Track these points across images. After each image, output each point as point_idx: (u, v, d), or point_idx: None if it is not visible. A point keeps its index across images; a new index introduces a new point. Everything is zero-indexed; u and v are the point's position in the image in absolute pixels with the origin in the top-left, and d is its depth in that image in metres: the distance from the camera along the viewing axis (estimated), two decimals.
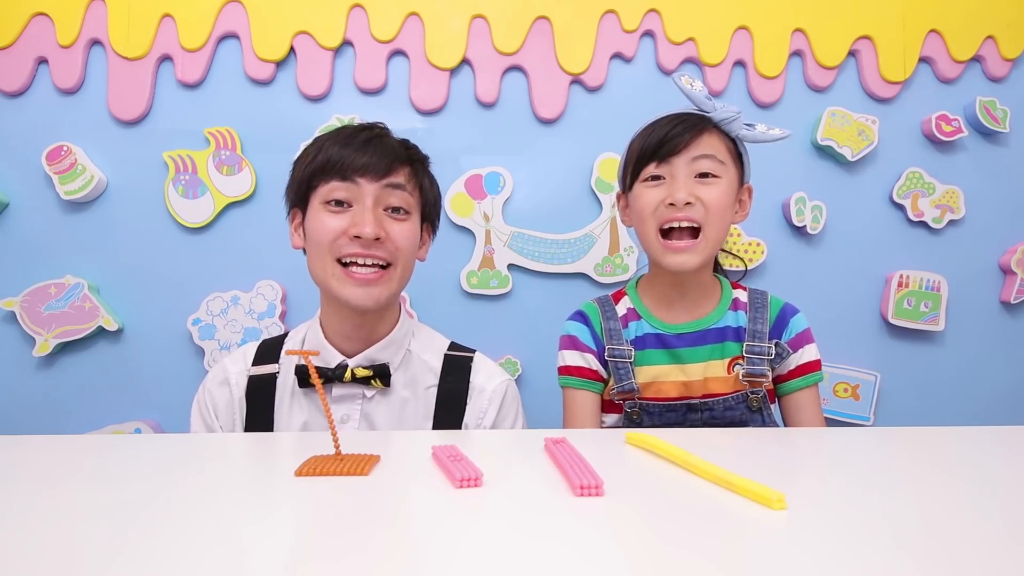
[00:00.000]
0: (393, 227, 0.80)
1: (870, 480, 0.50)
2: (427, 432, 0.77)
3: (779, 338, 0.89)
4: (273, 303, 1.32)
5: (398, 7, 1.35)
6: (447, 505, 0.42)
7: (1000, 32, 1.40)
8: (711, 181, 0.84)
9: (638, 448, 0.57)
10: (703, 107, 0.86)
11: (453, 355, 0.88)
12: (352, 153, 0.79)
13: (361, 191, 0.79)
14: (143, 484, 0.46)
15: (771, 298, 0.92)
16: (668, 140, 0.84)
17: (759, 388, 0.87)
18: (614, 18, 1.38)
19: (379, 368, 0.81)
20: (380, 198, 0.79)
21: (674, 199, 0.83)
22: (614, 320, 0.91)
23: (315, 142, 0.84)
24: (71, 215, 1.33)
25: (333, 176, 0.79)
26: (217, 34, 1.33)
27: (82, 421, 1.31)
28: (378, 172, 0.79)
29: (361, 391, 0.82)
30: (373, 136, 0.82)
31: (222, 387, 0.86)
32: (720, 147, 0.85)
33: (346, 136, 0.82)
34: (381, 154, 0.80)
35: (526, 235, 1.36)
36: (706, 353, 0.88)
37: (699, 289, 0.90)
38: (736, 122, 0.85)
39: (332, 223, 0.79)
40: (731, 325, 0.89)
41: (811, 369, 0.90)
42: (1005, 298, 1.40)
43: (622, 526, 0.39)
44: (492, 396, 0.86)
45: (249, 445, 0.62)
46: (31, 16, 1.31)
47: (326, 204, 0.79)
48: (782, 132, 0.87)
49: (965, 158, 1.41)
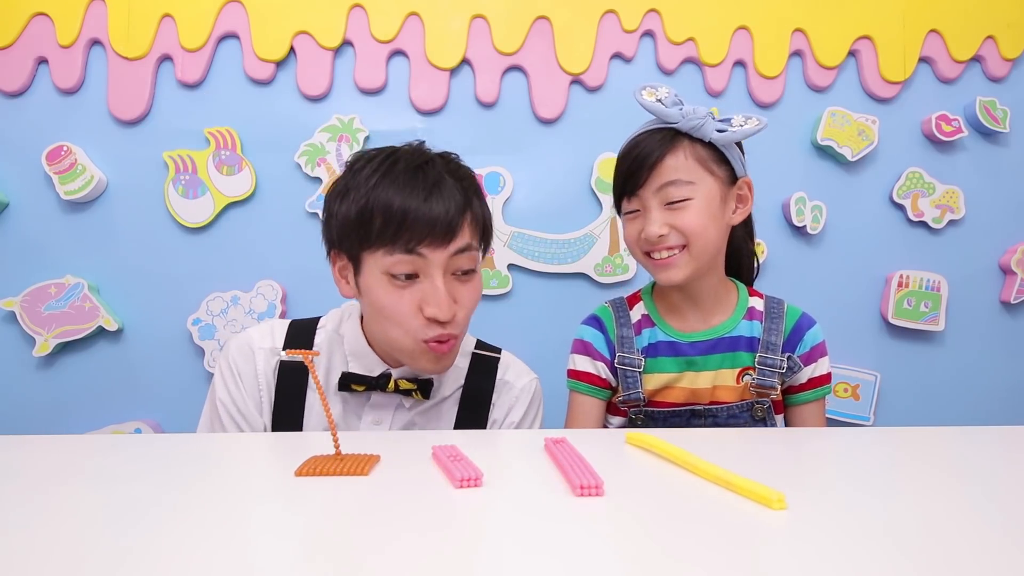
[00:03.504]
0: (463, 294, 0.75)
1: (870, 480, 0.50)
2: (427, 432, 0.77)
3: (792, 351, 0.87)
4: (273, 303, 1.32)
5: (398, 7, 1.35)
6: (447, 505, 0.42)
7: (1000, 32, 1.40)
8: (681, 206, 0.81)
9: (638, 448, 0.57)
10: (668, 119, 0.82)
11: (479, 354, 0.87)
12: (415, 209, 0.70)
13: (428, 264, 0.72)
14: (143, 484, 0.46)
15: (788, 308, 0.90)
16: (632, 172, 0.83)
17: (766, 399, 0.87)
18: (614, 18, 1.38)
19: (423, 382, 0.79)
20: (448, 266, 0.73)
21: (647, 234, 0.82)
22: (627, 327, 0.90)
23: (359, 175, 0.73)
24: (71, 215, 1.33)
25: (396, 243, 0.70)
26: (217, 34, 1.33)
27: (82, 421, 1.31)
28: (446, 236, 0.71)
29: (399, 399, 0.80)
30: (433, 183, 0.72)
31: (247, 361, 0.81)
32: (688, 164, 0.81)
33: (402, 182, 0.71)
34: (445, 207, 0.71)
35: (526, 235, 1.36)
36: (717, 362, 0.87)
37: (710, 297, 0.88)
38: (706, 127, 0.81)
39: (404, 301, 0.72)
40: (744, 335, 0.88)
41: (822, 383, 0.89)
42: (1005, 298, 1.40)
43: (622, 526, 0.39)
44: (521, 393, 0.86)
45: (249, 445, 0.62)
46: (31, 16, 1.31)
47: (391, 277, 0.72)
48: (758, 123, 0.82)
49: (965, 158, 1.41)
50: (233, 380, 0.80)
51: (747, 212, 0.88)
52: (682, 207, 0.81)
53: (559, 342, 1.34)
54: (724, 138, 0.82)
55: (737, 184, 0.86)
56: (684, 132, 0.82)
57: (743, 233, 0.94)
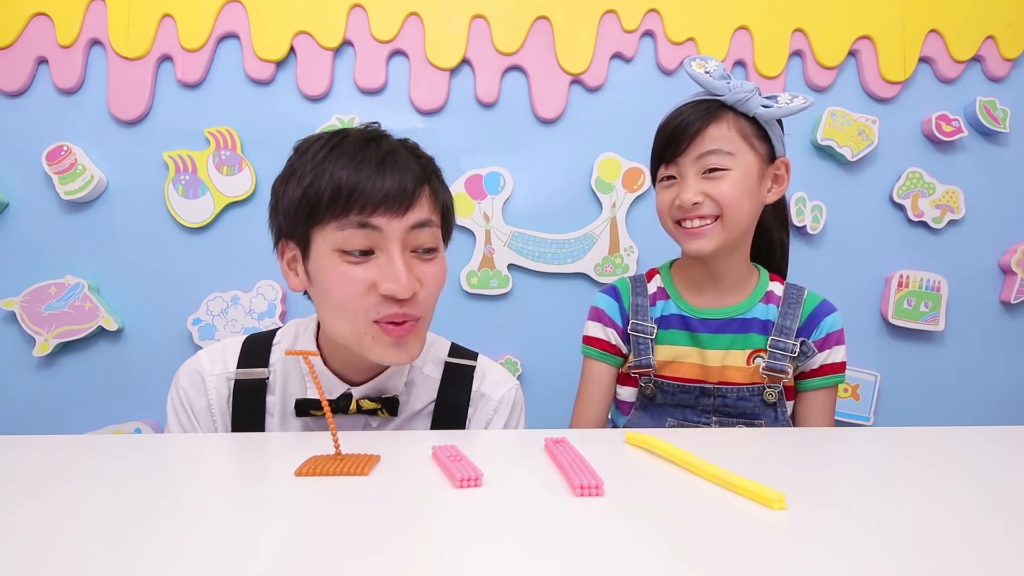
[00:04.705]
0: (425, 272, 0.68)
1: (870, 480, 0.50)
2: (427, 432, 0.77)
3: (808, 336, 0.87)
4: (273, 303, 1.32)
5: (398, 7, 1.35)
6: (447, 505, 0.42)
7: (1000, 32, 1.40)
8: (719, 176, 0.82)
9: (638, 448, 0.57)
10: (715, 91, 0.83)
11: (453, 363, 0.81)
12: (366, 180, 0.64)
13: (385, 237, 0.65)
14: (143, 484, 0.46)
15: (808, 294, 0.90)
16: (673, 139, 0.84)
17: (777, 383, 0.87)
18: (614, 18, 1.38)
19: (387, 400, 0.73)
20: (407, 241, 0.66)
21: (681, 201, 0.83)
22: (643, 296, 0.92)
23: (306, 155, 0.68)
24: (71, 215, 1.33)
25: (347, 215, 0.64)
26: (217, 34, 1.33)
27: (82, 421, 1.31)
28: (401, 206, 0.65)
29: (364, 420, 0.74)
30: (385, 154, 0.66)
31: (198, 391, 0.76)
32: (730, 135, 0.82)
33: (351, 154, 0.66)
34: (400, 178, 0.65)
35: (526, 235, 1.36)
36: (727, 342, 0.87)
37: (731, 276, 0.89)
38: (751, 101, 0.82)
39: (355, 279, 0.65)
40: (759, 317, 0.88)
41: (835, 370, 0.88)
42: (1005, 298, 1.41)
43: (622, 526, 0.39)
44: (500, 405, 0.80)
45: (249, 445, 0.62)
46: (31, 16, 1.32)
47: (343, 254, 0.65)
48: (804, 101, 0.83)
49: (965, 158, 1.41)
50: (185, 414, 0.76)
51: (782, 192, 0.88)
52: (720, 177, 0.82)
53: (559, 342, 1.35)
54: (769, 113, 0.83)
55: (775, 164, 0.86)
56: (729, 105, 0.83)
57: (774, 220, 0.95)
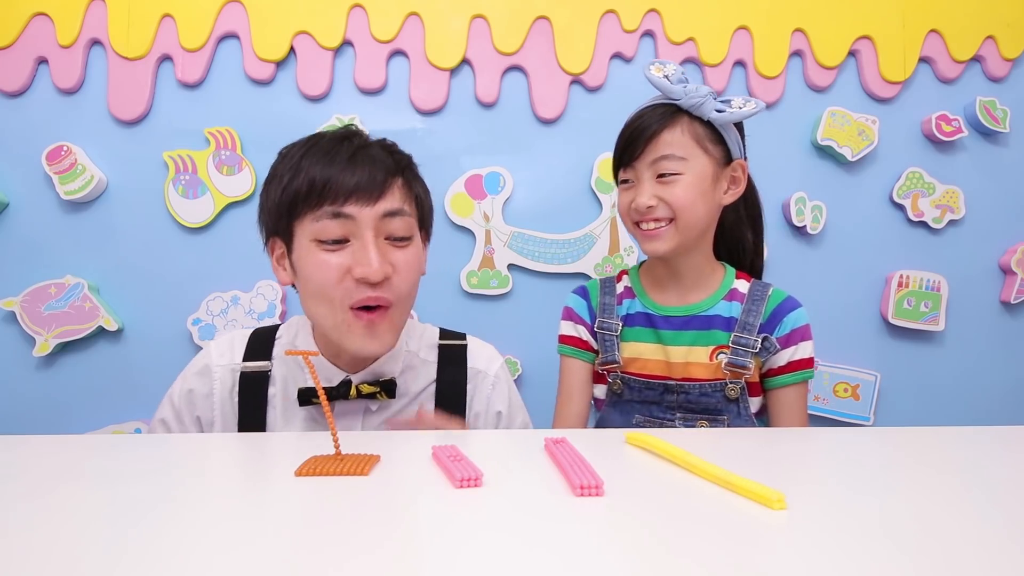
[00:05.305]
0: (398, 258, 0.72)
1: (870, 480, 0.50)
2: (427, 432, 0.77)
3: (771, 332, 0.88)
4: (273, 303, 1.32)
5: (398, 7, 1.35)
6: (447, 505, 0.42)
7: (1000, 32, 1.40)
8: (672, 180, 0.84)
9: (638, 448, 0.57)
10: (671, 95, 0.86)
11: (446, 344, 0.86)
12: (338, 173, 0.69)
13: (358, 225, 0.69)
14: (143, 484, 0.46)
15: (773, 291, 0.90)
16: (630, 144, 0.87)
17: (739, 379, 0.87)
18: (614, 18, 1.38)
19: (385, 383, 0.77)
20: (380, 228, 0.71)
21: (636, 204, 0.86)
22: (611, 296, 0.96)
23: (286, 158, 0.74)
24: (71, 215, 1.33)
25: (321, 207, 0.69)
26: (217, 34, 1.33)
27: (82, 421, 1.31)
28: (372, 195, 0.69)
29: (365, 405, 0.78)
30: (356, 149, 0.72)
31: (202, 377, 0.80)
32: (683, 139, 0.84)
33: (324, 150, 0.71)
34: (371, 170, 0.70)
35: (526, 235, 1.36)
36: (690, 338, 0.89)
37: (693, 274, 0.91)
38: (705, 105, 0.84)
39: (331, 266, 0.69)
40: (722, 315, 0.89)
41: (803, 367, 0.88)
42: (1005, 298, 1.41)
43: (622, 526, 0.39)
44: (496, 380, 0.85)
45: (249, 445, 0.62)
46: (31, 16, 1.32)
47: (320, 244, 0.70)
48: (755, 106, 0.85)
49: (965, 158, 1.41)
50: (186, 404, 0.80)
51: (739, 193, 0.90)
52: (672, 181, 0.85)
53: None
54: (722, 118, 0.85)
55: (731, 166, 0.88)
56: (685, 109, 0.85)
57: (737, 220, 0.96)
